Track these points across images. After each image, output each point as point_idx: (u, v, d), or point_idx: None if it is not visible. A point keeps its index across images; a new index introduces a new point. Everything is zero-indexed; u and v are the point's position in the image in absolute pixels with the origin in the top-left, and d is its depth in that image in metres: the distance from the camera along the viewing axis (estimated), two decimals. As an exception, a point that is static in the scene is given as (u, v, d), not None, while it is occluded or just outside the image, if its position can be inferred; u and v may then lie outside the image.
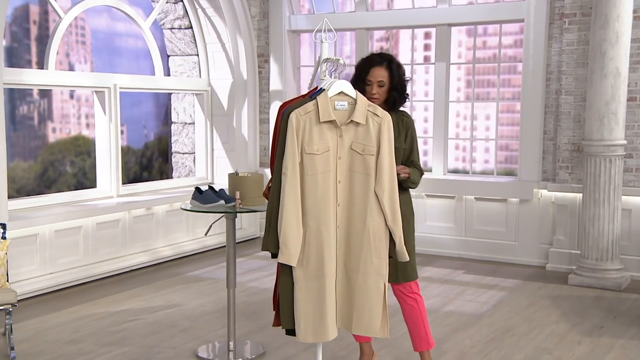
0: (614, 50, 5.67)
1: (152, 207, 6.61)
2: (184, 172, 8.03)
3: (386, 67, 3.52)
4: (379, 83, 3.50)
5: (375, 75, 3.49)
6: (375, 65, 3.51)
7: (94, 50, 7.56)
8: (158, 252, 6.65)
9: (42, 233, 5.57)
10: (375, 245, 3.08)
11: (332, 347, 4.31)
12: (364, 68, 3.53)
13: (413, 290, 3.66)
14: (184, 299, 5.49)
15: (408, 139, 3.58)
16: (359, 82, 3.52)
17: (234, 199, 4.06)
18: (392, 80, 3.52)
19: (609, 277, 5.81)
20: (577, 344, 4.46)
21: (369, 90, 3.50)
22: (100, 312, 5.12)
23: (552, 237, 6.52)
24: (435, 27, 7.12)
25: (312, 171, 3.02)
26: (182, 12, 7.61)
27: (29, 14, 7.06)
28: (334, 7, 7.69)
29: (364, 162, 3.05)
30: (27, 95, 7.16)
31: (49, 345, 4.41)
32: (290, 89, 7.80)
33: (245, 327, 4.77)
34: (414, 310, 3.67)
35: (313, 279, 3.07)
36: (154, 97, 8.24)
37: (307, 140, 3.01)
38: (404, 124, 3.58)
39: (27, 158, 7.26)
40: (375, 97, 3.49)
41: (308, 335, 3.11)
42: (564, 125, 6.39)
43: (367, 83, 3.50)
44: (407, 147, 3.58)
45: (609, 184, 5.78)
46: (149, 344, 4.45)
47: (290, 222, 3.01)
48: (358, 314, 3.12)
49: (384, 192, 3.06)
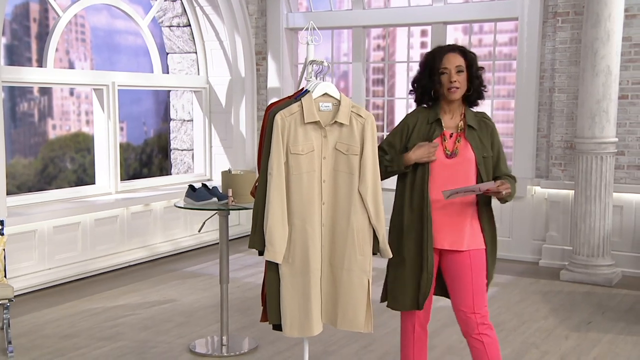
0: (605, 48, 5.72)
1: (150, 204, 6.70)
2: (182, 168, 8.11)
3: (461, 53, 3.11)
4: (458, 68, 3.06)
5: (451, 60, 3.07)
6: (448, 51, 3.10)
7: (93, 48, 7.65)
8: (155, 248, 6.75)
9: (40, 229, 5.67)
10: (359, 243, 3.15)
11: (323, 342, 4.39)
12: (437, 56, 3.09)
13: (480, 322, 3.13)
14: (180, 294, 5.58)
15: (496, 146, 3.15)
16: (432, 74, 3.08)
17: (227, 196, 4.15)
18: (469, 67, 3.10)
19: (600, 273, 5.88)
20: (565, 339, 4.54)
21: (445, 80, 3.07)
22: (97, 307, 5.21)
23: (545, 233, 6.58)
24: (431, 25, 7.18)
25: (297, 171, 3.10)
26: (181, 10, 7.68)
27: (29, 11, 7.15)
28: (330, 5, 7.75)
29: (348, 161, 3.12)
30: (28, 93, 7.26)
31: (45, 340, 4.50)
32: (287, 87, 7.87)
33: (239, 322, 4.85)
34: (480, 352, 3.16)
35: (298, 276, 3.15)
36: (154, 94, 8.32)
37: (292, 140, 3.08)
38: (488, 129, 3.16)
39: (28, 155, 7.36)
40: (456, 85, 3.06)
41: (294, 330, 3.19)
42: (557, 122, 6.45)
43: (443, 72, 3.07)
44: (494, 154, 3.15)
45: (601, 181, 5.84)
46: (144, 339, 4.54)
47: (275, 220, 3.09)
48: (343, 310, 3.19)
49: (368, 190, 3.13)
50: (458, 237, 3.11)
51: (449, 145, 3.11)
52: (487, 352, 3.12)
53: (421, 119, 3.17)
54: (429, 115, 3.16)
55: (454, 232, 3.11)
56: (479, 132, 3.13)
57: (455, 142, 3.11)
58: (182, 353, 4.29)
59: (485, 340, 3.12)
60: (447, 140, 3.12)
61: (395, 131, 3.24)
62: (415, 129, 3.15)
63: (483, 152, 3.11)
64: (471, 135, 3.12)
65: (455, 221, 3.11)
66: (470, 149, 3.10)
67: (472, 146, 3.10)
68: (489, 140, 3.14)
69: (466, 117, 3.14)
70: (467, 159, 3.10)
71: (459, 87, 3.08)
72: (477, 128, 3.14)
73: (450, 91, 3.07)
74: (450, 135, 3.13)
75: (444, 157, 3.10)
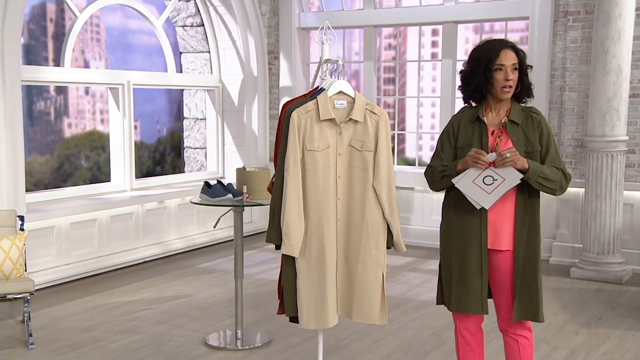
0: (616, 47, 5.76)
1: (164, 201, 6.80)
2: (195, 166, 8.21)
3: (514, 50, 2.96)
4: (514, 66, 2.93)
5: (508, 57, 2.91)
6: (504, 47, 2.93)
7: (108, 47, 7.76)
8: (170, 245, 6.84)
9: (58, 225, 5.77)
10: (373, 237, 3.23)
11: (335, 336, 4.47)
12: (493, 51, 2.93)
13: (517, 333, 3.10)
14: (194, 289, 5.67)
15: (544, 140, 2.97)
16: (487, 70, 2.93)
17: (241, 193, 4.23)
18: (520, 65, 2.96)
19: (610, 271, 5.92)
20: (575, 335, 4.59)
21: (501, 77, 2.92)
22: (114, 301, 5.31)
23: (555, 231, 6.63)
24: (442, 25, 7.23)
25: (313, 167, 3.17)
26: (194, 10, 7.78)
27: (45, 12, 7.26)
28: (342, 5, 7.82)
29: (363, 158, 3.20)
30: (44, 92, 7.37)
31: (65, 333, 4.60)
32: (299, 86, 7.95)
33: (253, 316, 4.94)
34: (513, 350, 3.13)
35: (314, 270, 3.23)
36: (167, 93, 8.42)
37: (308, 137, 3.16)
38: (535, 122, 2.99)
39: (44, 152, 7.47)
40: (511, 83, 2.93)
41: (310, 322, 3.27)
42: (567, 121, 6.49)
43: (498, 68, 2.91)
44: (543, 149, 2.97)
45: (611, 179, 5.88)
46: (161, 332, 4.63)
47: (292, 215, 3.17)
48: (358, 302, 3.27)
49: (382, 186, 3.20)
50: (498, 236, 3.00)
51: (490, 143, 2.99)
52: (521, 353, 3.08)
53: (465, 118, 3.07)
54: (472, 114, 3.05)
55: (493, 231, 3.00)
56: (523, 127, 2.97)
57: (496, 138, 2.99)
58: (197, 346, 4.38)
59: (522, 341, 3.08)
60: (488, 138, 3.00)
61: (441, 136, 3.13)
62: (461, 129, 3.05)
63: (527, 147, 2.95)
64: (513, 130, 2.97)
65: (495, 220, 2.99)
66: (511, 145, 2.94)
67: (513, 142, 2.96)
68: (536, 135, 2.97)
69: (511, 112, 3.00)
70: None
71: (513, 86, 2.95)
72: (522, 123, 2.98)
73: (504, 90, 2.94)
74: (492, 132, 3.01)
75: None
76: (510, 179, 2.88)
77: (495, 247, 3.01)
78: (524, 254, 2.98)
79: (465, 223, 2.99)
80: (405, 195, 7.20)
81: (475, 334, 3.20)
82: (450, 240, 3.06)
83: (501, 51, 2.92)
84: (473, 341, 3.20)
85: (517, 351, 3.09)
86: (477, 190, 2.90)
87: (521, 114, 3.00)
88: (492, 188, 2.89)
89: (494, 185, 2.88)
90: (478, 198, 2.91)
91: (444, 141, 3.09)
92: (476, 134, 3.00)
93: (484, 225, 2.97)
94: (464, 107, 3.14)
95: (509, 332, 3.10)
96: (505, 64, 2.91)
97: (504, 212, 2.98)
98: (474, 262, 3.00)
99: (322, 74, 3.45)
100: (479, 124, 3.02)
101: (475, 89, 3.00)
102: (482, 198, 2.90)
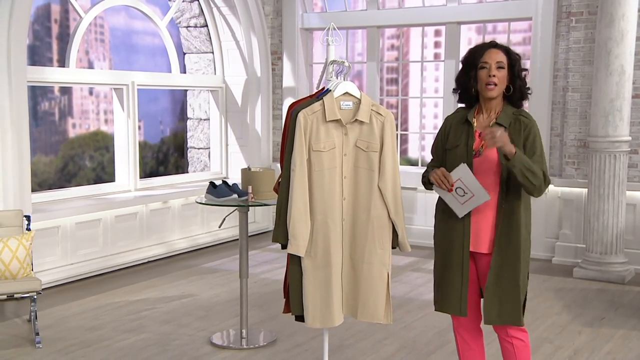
0: (619, 48, 5.78)
1: (169, 201, 6.83)
2: (199, 166, 8.24)
3: (504, 51, 3.00)
4: (498, 64, 2.95)
5: (492, 56, 2.96)
6: (490, 47, 3.00)
7: (112, 48, 7.79)
8: (174, 245, 6.87)
9: (63, 225, 5.80)
10: (379, 237, 3.25)
11: (340, 336, 4.49)
12: (477, 52, 3.00)
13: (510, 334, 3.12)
14: (199, 289, 5.70)
15: (529, 143, 2.96)
16: (472, 68, 2.99)
17: (247, 193, 4.26)
18: (511, 66, 2.98)
19: (613, 271, 5.94)
20: (578, 334, 4.61)
21: (484, 74, 2.96)
22: (119, 301, 5.34)
23: (558, 231, 6.65)
24: (445, 25, 7.26)
25: (319, 167, 3.20)
26: (198, 11, 7.81)
27: (50, 13, 7.29)
28: (345, 6, 7.85)
29: (368, 158, 3.22)
30: (49, 92, 7.40)
31: (71, 332, 4.63)
32: (302, 86, 7.98)
33: (257, 316, 4.96)
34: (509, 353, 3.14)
35: (320, 269, 3.26)
36: (170, 93, 8.45)
37: (314, 138, 3.19)
38: (522, 126, 2.99)
39: (49, 153, 7.50)
40: (494, 80, 2.94)
41: (316, 321, 3.29)
42: (570, 121, 6.51)
43: (482, 67, 2.97)
44: (527, 152, 2.94)
45: (614, 179, 5.90)
46: (166, 331, 4.66)
47: (298, 215, 3.19)
48: (363, 302, 3.30)
49: (388, 186, 3.23)
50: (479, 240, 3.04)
51: (475, 145, 3.02)
52: (517, 355, 3.10)
53: (457, 119, 3.12)
54: (463, 116, 3.10)
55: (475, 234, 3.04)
56: (510, 130, 2.97)
57: (482, 140, 2.99)
58: (203, 345, 4.41)
59: (516, 343, 3.09)
60: (474, 140, 3.02)
61: (437, 135, 3.21)
62: (452, 130, 3.11)
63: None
64: None
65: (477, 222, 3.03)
66: (494, 148, 2.94)
67: None
68: (521, 139, 2.96)
69: (500, 115, 3.02)
70: (489, 158, 2.99)
71: (497, 84, 2.95)
72: (509, 126, 2.99)
73: (488, 87, 2.96)
74: (479, 134, 3.02)
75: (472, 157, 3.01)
76: (478, 196, 2.96)
77: (477, 250, 3.07)
78: (501, 258, 3.00)
79: (451, 225, 3.08)
80: (408, 195, 7.23)
81: (472, 333, 3.25)
82: (437, 242, 3.17)
83: (486, 51, 3.00)
84: (471, 340, 3.26)
85: (513, 354, 3.11)
86: (452, 199, 3.03)
87: (510, 117, 3.02)
88: (463, 200, 2.99)
89: (465, 198, 2.98)
90: (453, 205, 3.03)
91: (437, 142, 3.20)
92: (463, 136, 3.07)
93: (467, 228, 3.04)
94: (459, 108, 3.21)
95: (502, 335, 3.14)
96: (488, 61, 2.97)
97: (485, 216, 3.04)
98: (455, 263, 3.08)
99: (327, 75, 3.47)
100: (467, 126, 3.08)
101: (464, 89, 3.09)
102: (456, 207, 3.02)
